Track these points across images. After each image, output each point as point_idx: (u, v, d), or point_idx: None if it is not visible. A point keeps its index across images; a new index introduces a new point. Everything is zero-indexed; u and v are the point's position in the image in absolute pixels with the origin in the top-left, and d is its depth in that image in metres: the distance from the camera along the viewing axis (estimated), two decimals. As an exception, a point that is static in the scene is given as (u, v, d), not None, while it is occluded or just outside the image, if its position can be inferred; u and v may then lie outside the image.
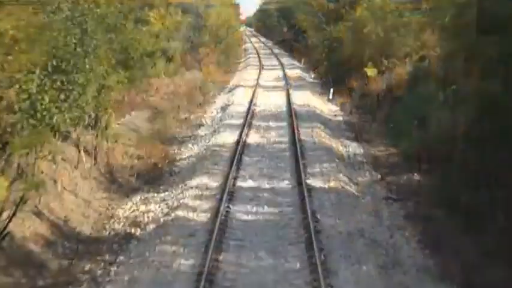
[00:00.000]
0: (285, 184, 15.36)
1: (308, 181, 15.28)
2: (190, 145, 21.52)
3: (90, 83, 12.52)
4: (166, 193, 15.70)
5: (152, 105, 28.34)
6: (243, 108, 26.88)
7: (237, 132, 21.54)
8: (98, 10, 13.11)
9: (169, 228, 12.74)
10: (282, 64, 48.37)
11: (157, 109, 27.38)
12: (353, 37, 35.11)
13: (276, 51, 65.45)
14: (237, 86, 35.25)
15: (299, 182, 15.11)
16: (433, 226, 13.37)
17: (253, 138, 20.86)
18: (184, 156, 19.86)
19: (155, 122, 25.56)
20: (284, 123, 23.39)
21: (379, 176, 17.11)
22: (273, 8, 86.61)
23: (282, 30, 76.53)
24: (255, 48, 69.11)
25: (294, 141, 19.69)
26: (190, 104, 30.14)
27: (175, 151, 20.99)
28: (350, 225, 12.56)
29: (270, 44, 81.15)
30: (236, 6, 69.57)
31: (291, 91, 31.76)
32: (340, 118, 26.42)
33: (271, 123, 23.43)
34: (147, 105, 28.01)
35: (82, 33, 12.28)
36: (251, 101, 28.53)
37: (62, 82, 11.69)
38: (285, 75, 40.46)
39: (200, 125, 25.31)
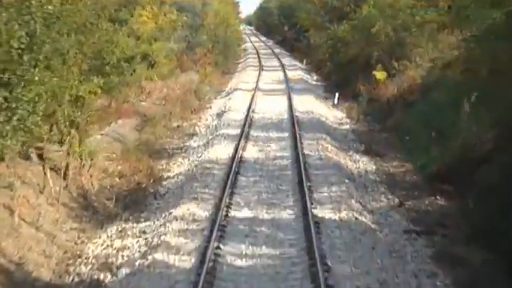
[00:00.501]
0: (288, 214, 12.81)
1: (315, 211, 12.73)
2: (180, 159, 19.00)
3: (41, 99, 9.94)
4: (147, 223, 13.17)
5: (142, 111, 25.84)
6: (241, 116, 24.36)
7: (233, 145, 19.02)
8: (50, 7, 10.50)
9: (145, 276, 10.21)
10: (282, 65, 45.82)
11: (147, 116, 24.87)
12: (359, 37, 32.63)
13: (277, 50, 62.88)
14: (235, 89, 32.72)
15: (304, 212, 12.57)
16: (469, 270, 10.86)
17: (250, 152, 18.33)
18: (172, 174, 17.32)
19: (144, 131, 23.06)
20: (286, 134, 20.85)
21: (397, 201, 14.57)
22: (273, 6, 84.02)
23: (282, 29, 73.96)
24: (255, 47, 66.54)
25: (297, 156, 17.16)
26: (184, 109, 27.63)
27: (163, 166, 18.47)
28: (369, 275, 10.00)
29: (270, 43, 78.57)
30: (235, 4, 67.03)
31: (292, 95, 29.22)
32: (347, 126, 23.87)
33: (272, 134, 20.90)
34: (137, 112, 25.51)
35: (30, 36, 9.72)
36: (249, 106, 26.00)
37: (5, 98, 9.17)
38: (286, 77, 37.92)
39: (193, 135, 22.78)
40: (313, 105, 27.15)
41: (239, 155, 17.53)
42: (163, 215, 13.21)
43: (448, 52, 24.96)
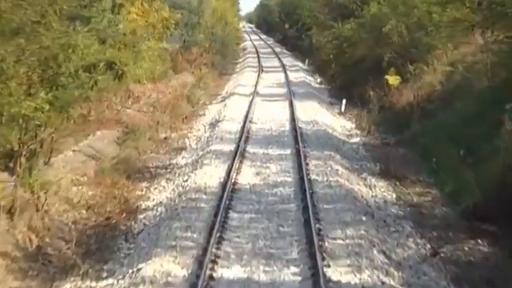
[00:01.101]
0: (292, 275, 9.61)
1: (328, 271, 9.53)
2: (163, 182, 15.82)
3: None
4: (109, 281, 10.02)
5: (126, 120, 22.64)
6: (237, 127, 21.19)
7: (226, 166, 15.85)
8: None
9: None
10: (283, 65, 42.61)
11: (131, 126, 21.67)
12: (367, 36, 29.45)
13: (277, 49, 59.65)
14: (232, 94, 29.52)
15: (314, 273, 9.39)
16: None
17: (246, 176, 15.13)
18: (151, 204, 14.13)
19: (125, 144, 19.87)
20: (288, 151, 17.65)
21: (429, 247, 11.40)
22: (274, 3, 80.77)
23: (283, 27, 70.75)
24: (255, 46, 63.32)
25: (302, 183, 13.98)
26: (174, 117, 24.47)
27: (143, 192, 15.29)
28: None
29: (270, 41, 75.34)
30: (235, 1, 63.84)
31: (294, 101, 26.04)
32: (357, 139, 20.67)
33: (271, 151, 17.71)
34: (120, 121, 22.35)
35: None
36: (247, 115, 22.82)
37: None
38: (287, 79, 34.73)
39: (182, 149, 19.61)
40: (318, 113, 23.95)
41: (232, 181, 14.34)
42: (129, 272, 10.03)
43: (471, 54, 21.90)
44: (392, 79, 23.79)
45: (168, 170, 17.13)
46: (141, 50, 29.71)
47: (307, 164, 15.82)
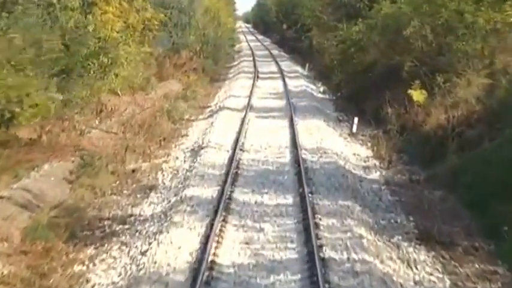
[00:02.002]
0: None
1: None
2: (115, 250, 10.95)
3: None
4: None
5: (87, 146, 17.80)
6: (223, 157, 16.31)
7: (202, 229, 10.99)
8: None
9: None
10: (281, 71, 37.69)
11: (92, 154, 16.79)
12: (380, 40, 24.60)
13: (275, 52, 54.67)
14: (221, 108, 24.55)
15: None
16: None
17: (229, 250, 10.21)
18: (87, 296, 9.32)
19: (79, 182, 15.00)
20: (289, 200, 12.74)
21: None
22: (271, 2, 75.80)
23: (281, 28, 65.83)
24: (251, 48, 58.36)
25: (313, 269, 9.11)
26: (150, 139, 19.68)
27: (82, 267, 10.41)
28: None
29: (267, 42, 70.41)
30: (230, 0, 58.91)
31: (296, 119, 21.18)
32: (377, 174, 15.74)
33: (267, 199, 12.80)
34: (80, 147, 17.52)
35: None
36: (237, 140, 17.93)
37: None
38: (286, 88, 29.84)
39: (151, 189, 14.71)
40: (324, 136, 19.06)
41: (208, 260, 9.46)
42: None
43: None
44: (417, 94, 18.92)
45: (127, 227, 12.25)
46: (118, 55, 24.93)
47: (317, 226, 10.94)
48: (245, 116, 21.72)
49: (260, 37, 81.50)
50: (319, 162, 15.67)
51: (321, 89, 30.99)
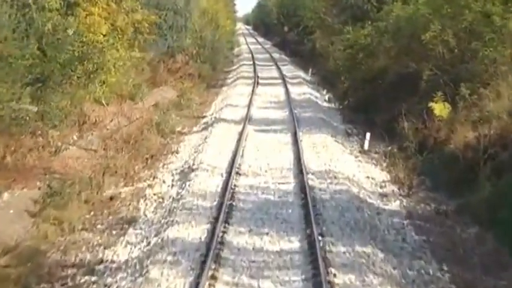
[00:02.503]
0: None
1: None
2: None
3: None
4: None
5: (60, 167, 15.40)
6: (217, 182, 13.86)
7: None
8: None
9: None
10: (283, 76, 35.21)
11: (65, 177, 14.36)
12: (394, 45, 22.19)
13: (276, 55, 52.16)
14: (217, 120, 22.05)
15: None
16: None
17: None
18: None
19: (43, 215, 12.57)
20: (295, 244, 10.25)
21: None
22: (272, 3, 73.34)
23: (282, 30, 63.39)
24: (251, 51, 55.86)
25: None
26: (135, 156, 17.32)
27: None
28: None
29: (268, 45, 67.94)
30: (228, 1, 56.43)
31: (299, 133, 18.72)
32: (397, 204, 13.25)
33: (267, 244, 10.30)
34: (51, 169, 15.12)
35: None
36: (233, 160, 15.47)
37: None
38: (288, 95, 27.39)
39: (130, 223, 12.27)
40: (333, 155, 16.59)
41: None
42: None
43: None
44: (440, 108, 16.46)
45: (94, 279, 9.80)
46: (104, 60, 22.55)
47: None
48: (243, 129, 19.27)
49: (260, 39, 79.05)
50: (329, 191, 13.19)
51: (326, 97, 28.51)
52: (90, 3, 23.39)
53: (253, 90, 28.81)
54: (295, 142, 17.53)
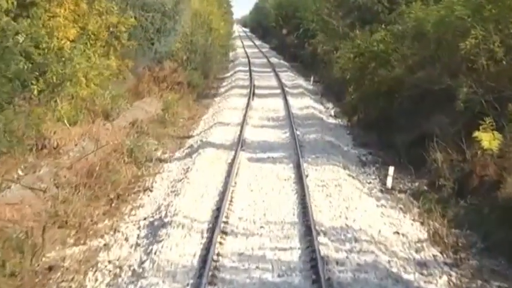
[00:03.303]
0: None
1: None
2: None
3: None
4: None
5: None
6: (194, 248, 9.94)
7: None
8: None
9: None
10: (282, 85, 31.29)
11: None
12: (416, 54, 18.37)
13: (274, 60, 48.22)
14: (204, 144, 18.10)
15: None
16: None
17: None
18: None
19: None
20: None
21: None
22: (270, 5, 69.42)
23: (280, 33, 59.46)
24: (247, 55, 51.92)
25: None
26: (95, 197, 13.53)
27: None
28: None
29: (266, 48, 64.01)
30: (222, 2, 52.46)
31: (304, 165, 14.83)
32: (444, 281, 9.34)
33: None
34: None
35: None
36: (219, 208, 11.60)
37: None
38: (288, 110, 23.47)
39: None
40: (348, 197, 12.67)
41: None
42: None
43: None
44: (489, 138, 12.57)
45: None
46: (74, 70, 18.88)
47: None
48: (234, 159, 15.38)
49: (258, 42, 75.13)
50: (350, 266, 9.27)
51: (332, 112, 24.60)
52: (54, 3, 19.48)
53: (248, 104, 24.92)
54: (300, 179, 13.64)
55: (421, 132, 16.31)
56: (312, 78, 34.14)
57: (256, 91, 29.01)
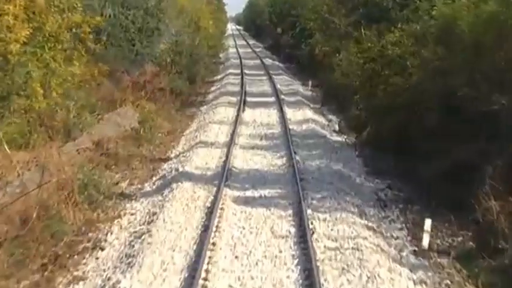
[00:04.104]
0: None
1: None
2: None
3: None
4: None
5: None
6: None
7: None
8: None
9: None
10: (277, 92, 27.26)
11: None
12: (444, 60, 14.48)
13: (268, 61, 44.15)
14: (179, 175, 14.10)
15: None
16: None
17: None
18: None
19: None
20: None
21: None
22: (263, 3, 65.40)
23: (274, 32, 55.45)
24: (240, 56, 47.88)
25: None
26: (23, 262, 9.61)
27: None
28: None
29: (259, 48, 59.94)
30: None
31: (309, 212, 10.95)
32: None
33: None
34: None
35: None
36: (191, 284, 7.76)
37: None
38: (285, 125, 19.45)
39: None
40: (372, 267, 8.80)
41: None
42: None
43: None
44: None
45: None
46: (23, 80, 15.08)
47: None
48: (216, 201, 11.45)
49: (251, 41, 71.03)
50: None
51: (336, 126, 20.63)
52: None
53: (238, 116, 20.96)
54: (303, 238, 9.70)
55: (455, 162, 12.45)
56: (310, 83, 30.20)
57: (248, 99, 25.04)
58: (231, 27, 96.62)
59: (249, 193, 12.34)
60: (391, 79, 17.50)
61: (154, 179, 14.59)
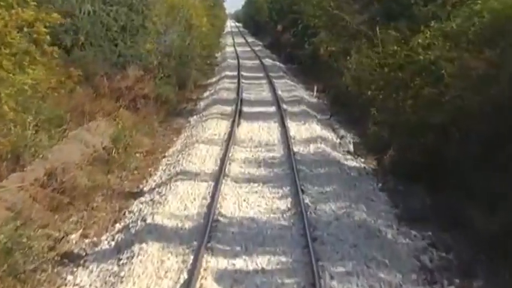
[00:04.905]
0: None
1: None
2: None
3: None
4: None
5: None
6: None
7: None
8: None
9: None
10: (278, 100, 23.26)
11: None
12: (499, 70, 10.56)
13: (268, 62, 40.09)
14: (146, 227, 10.25)
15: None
16: None
17: None
18: None
19: None
20: None
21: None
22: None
23: (275, 29, 51.61)
24: (237, 56, 43.89)
25: None
26: None
27: None
28: None
29: (259, 47, 55.90)
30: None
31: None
32: None
33: None
34: None
35: None
36: None
37: None
38: (289, 150, 15.48)
39: None
40: None
41: None
42: None
43: None
44: None
45: None
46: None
47: None
48: (193, 277, 7.62)
49: (250, 40, 67.02)
50: None
51: (350, 146, 16.68)
52: None
53: (232, 132, 17.05)
54: None
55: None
56: (315, 88, 26.31)
57: (245, 109, 21.14)
58: (230, 25, 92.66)
59: (240, 263, 8.48)
60: (422, 91, 13.72)
61: (116, 228, 10.75)
